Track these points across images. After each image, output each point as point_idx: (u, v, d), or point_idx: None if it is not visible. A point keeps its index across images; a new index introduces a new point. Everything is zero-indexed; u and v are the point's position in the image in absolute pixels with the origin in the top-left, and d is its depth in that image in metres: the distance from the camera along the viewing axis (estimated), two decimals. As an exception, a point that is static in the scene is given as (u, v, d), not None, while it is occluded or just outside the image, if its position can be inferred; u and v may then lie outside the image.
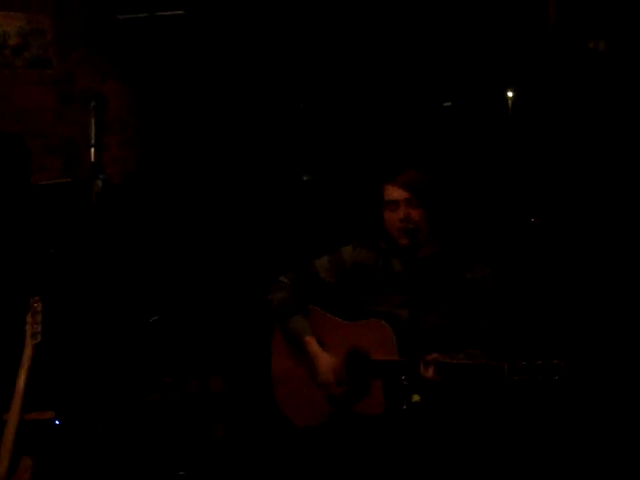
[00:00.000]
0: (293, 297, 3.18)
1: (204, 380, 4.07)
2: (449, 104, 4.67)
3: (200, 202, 4.70)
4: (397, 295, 3.03)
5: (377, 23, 4.63)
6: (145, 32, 4.78)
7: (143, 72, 4.86)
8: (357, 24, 4.64)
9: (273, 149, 4.76)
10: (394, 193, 2.98)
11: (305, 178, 4.76)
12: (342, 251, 3.19)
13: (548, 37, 4.40)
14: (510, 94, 4.42)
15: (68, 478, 3.41)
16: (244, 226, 4.65)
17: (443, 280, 3.03)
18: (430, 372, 2.79)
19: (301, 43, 4.71)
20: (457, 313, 3.00)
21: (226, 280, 4.50)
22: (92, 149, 4.30)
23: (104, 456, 3.61)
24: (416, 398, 2.59)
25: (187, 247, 4.58)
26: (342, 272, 3.15)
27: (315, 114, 4.74)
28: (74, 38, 4.87)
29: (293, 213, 4.66)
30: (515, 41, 4.46)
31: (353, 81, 4.69)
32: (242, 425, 3.91)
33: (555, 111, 4.31)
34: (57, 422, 3.51)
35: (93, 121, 4.37)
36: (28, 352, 3.08)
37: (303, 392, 3.13)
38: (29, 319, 3.13)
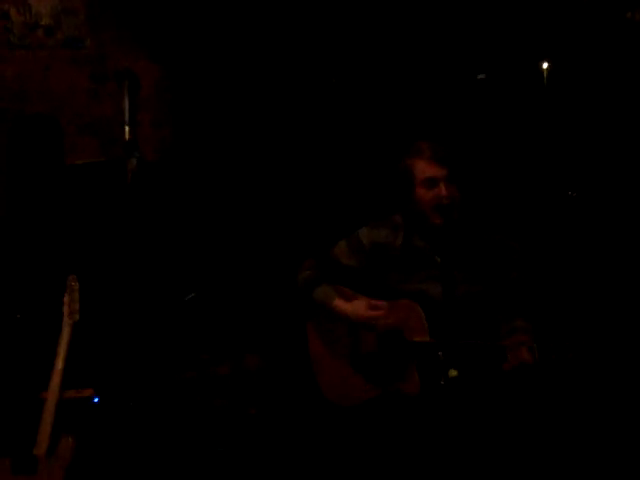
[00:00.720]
0: (317, 274, 3.14)
1: (240, 358, 4.09)
2: (483, 76, 4.61)
3: (232, 180, 4.70)
4: (424, 271, 2.99)
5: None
6: (177, 10, 4.77)
7: (175, 50, 4.85)
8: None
9: (303, 130, 4.74)
10: (433, 171, 2.91)
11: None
12: (359, 234, 3.14)
13: (584, 7, 4.32)
14: (545, 66, 4.35)
15: (108, 456, 3.45)
16: (272, 207, 4.64)
17: (467, 252, 2.99)
18: (524, 354, 2.73)
19: (331, 20, 4.68)
20: (482, 279, 2.96)
21: (260, 258, 4.50)
22: (126, 127, 4.32)
23: (142, 434, 3.64)
24: (453, 373, 2.58)
25: (221, 226, 4.58)
26: (363, 255, 3.11)
27: (347, 89, 4.71)
28: (106, 17, 4.87)
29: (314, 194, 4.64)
30: (550, 11, 4.38)
31: (385, 56, 4.65)
32: (277, 404, 3.92)
33: (591, 83, 4.25)
34: (96, 400, 3.56)
35: (126, 99, 4.38)
36: (66, 330, 3.11)
37: (340, 372, 3.11)
38: (66, 298, 3.16)
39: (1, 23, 4.74)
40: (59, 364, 3.06)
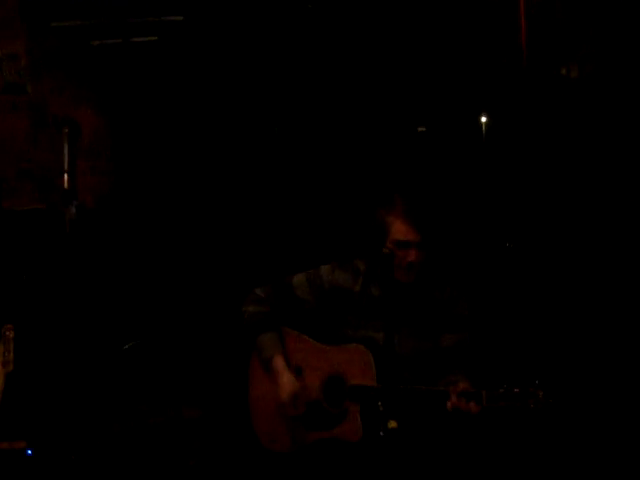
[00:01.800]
0: (267, 312, 3.14)
1: (179, 408, 4.03)
2: (423, 129, 4.68)
3: (173, 227, 4.67)
4: (375, 320, 3.02)
5: (351, 47, 4.65)
6: (119, 58, 4.77)
7: (117, 98, 4.84)
8: (331, 49, 4.66)
9: (251, 165, 4.74)
10: (408, 234, 2.92)
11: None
12: (320, 271, 3.15)
13: (520, 63, 4.44)
14: (484, 119, 4.44)
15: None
16: (218, 249, 4.62)
17: (417, 303, 3.03)
18: (472, 406, 2.74)
19: (276, 71, 4.72)
20: (430, 334, 3.00)
21: (202, 306, 4.47)
22: (65, 175, 4.29)
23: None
24: (393, 424, 2.57)
25: (162, 272, 4.54)
26: (320, 293, 3.12)
27: (291, 137, 4.74)
28: (48, 64, 4.85)
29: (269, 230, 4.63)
30: (488, 67, 4.49)
31: (328, 104, 4.70)
32: (217, 453, 3.87)
33: (528, 136, 4.35)
34: (29, 452, 3.46)
35: (66, 147, 4.36)
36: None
37: (278, 418, 3.10)
38: (0, 347, 3.09)
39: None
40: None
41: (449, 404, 2.76)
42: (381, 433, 2.58)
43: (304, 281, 3.15)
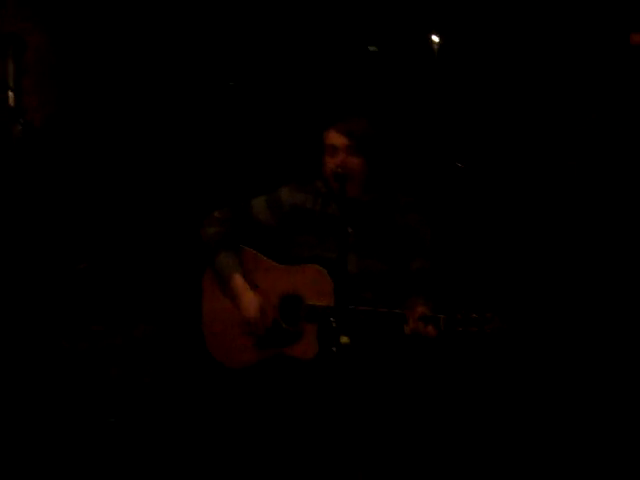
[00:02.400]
0: (225, 233, 3.14)
1: (132, 327, 4.04)
2: (374, 49, 4.65)
3: (123, 144, 4.61)
4: (334, 239, 3.03)
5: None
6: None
7: (61, 15, 4.70)
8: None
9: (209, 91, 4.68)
10: (335, 139, 2.98)
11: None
12: (280, 192, 3.15)
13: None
14: (436, 38, 4.43)
15: None
16: (173, 165, 4.57)
17: (377, 225, 3.06)
18: (431, 329, 2.79)
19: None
20: (391, 257, 3.04)
21: (155, 223, 4.44)
22: (10, 93, 4.19)
23: (33, 406, 3.57)
24: (345, 340, 2.61)
25: (113, 191, 4.49)
26: (279, 213, 3.13)
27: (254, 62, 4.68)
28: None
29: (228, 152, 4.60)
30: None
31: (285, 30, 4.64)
32: (171, 370, 3.91)
33: (481, 56, 4.35)
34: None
35: (11, 64, 4.25)
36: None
37: (233, 334, 3.13)
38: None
39: None
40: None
41: (407, 328, 2.82)
42: (333, 349, 2.62)
43: (263, 203, 3.15)
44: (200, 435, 3.51)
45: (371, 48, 4.68)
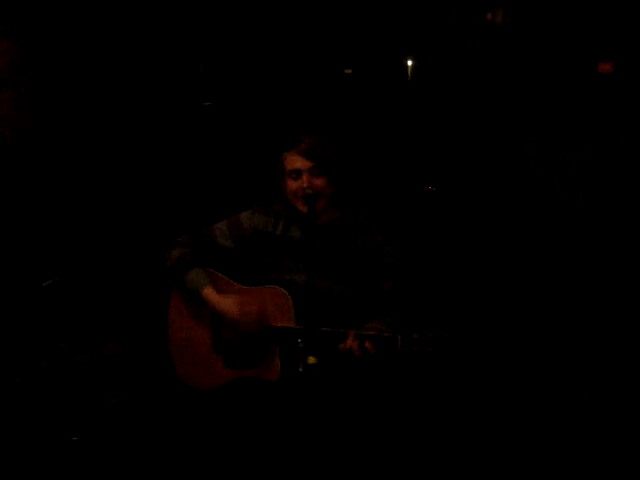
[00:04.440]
0: (191, 252, 3.14)
1: (100, 345, 4.01)
2: (350, 71, 4.68)
3: (97, 162, 4.59)
4: (295, 261, 3.05)
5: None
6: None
7: (35, 29, 4.69)
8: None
9: (172, 112, 4.68)
10: (296, 162, 2.99)
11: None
12: (240, 217, 3.17)
13: (448, 7, 4.45)
14: (410, 63, 4.45)
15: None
16: (143, 188, 4.56)
17: (338, 246, 3.06)
18: (369, 346, 2.81)
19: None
20: (351, 280, 3.04)
21: (123, 244, 4.43)
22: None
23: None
24: (312, 360, 2.61)
25: (83, 208, 4.47)
26: (241, 238, 3.15)
27: (214, 79, 4.69)
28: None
29: (192, 177, 4.61)
30: (415, 10, 4.49)
31: (250, 49, 4.65)
32: (137, 391, 3.88)
33: (453, 81, 4.38)
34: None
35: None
36: None
37: (201, 354, 3.12)
38: None
39: None
40: None
41: (341, 345, 2.82)
42: (300, 369, 2.62)
43: (225, 229, 3.17)
44: (165, 457, 3.49)
45: (347, 71, 4.69)
